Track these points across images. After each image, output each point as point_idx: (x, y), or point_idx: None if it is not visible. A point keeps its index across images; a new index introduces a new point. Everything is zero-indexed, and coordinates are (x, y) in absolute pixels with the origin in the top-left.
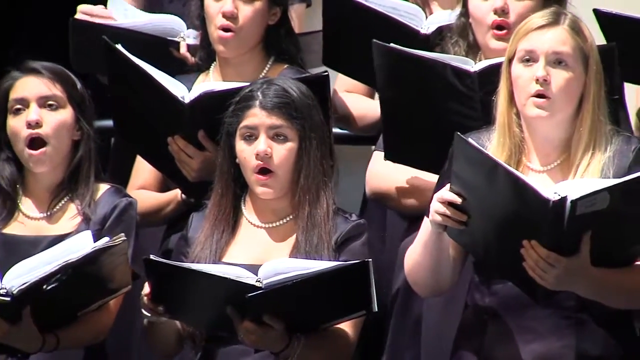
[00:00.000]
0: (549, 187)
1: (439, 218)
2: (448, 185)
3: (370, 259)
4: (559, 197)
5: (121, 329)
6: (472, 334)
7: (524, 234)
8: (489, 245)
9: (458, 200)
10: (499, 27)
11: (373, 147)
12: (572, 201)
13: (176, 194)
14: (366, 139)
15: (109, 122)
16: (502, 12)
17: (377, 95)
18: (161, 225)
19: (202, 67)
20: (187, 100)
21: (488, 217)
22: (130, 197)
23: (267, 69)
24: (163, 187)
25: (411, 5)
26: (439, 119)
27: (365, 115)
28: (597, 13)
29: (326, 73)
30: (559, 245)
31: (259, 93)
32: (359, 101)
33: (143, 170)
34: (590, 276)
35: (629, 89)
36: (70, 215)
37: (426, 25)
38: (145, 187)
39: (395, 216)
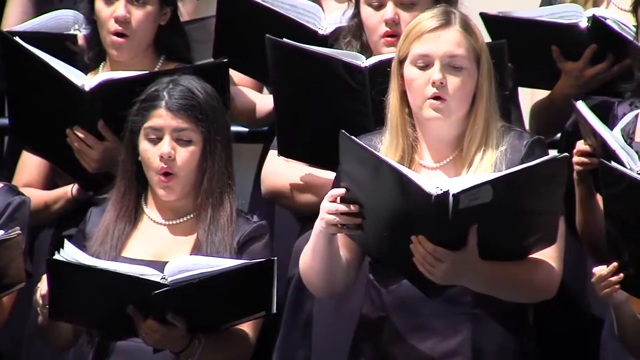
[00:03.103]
0: (435, 182)
1: (330, 217)
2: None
3: (275, 258)
4: (441, 192)
5: (14, 324)
6: (370, 333)
7: (412, 229)
8: (381, 241)
9: (344, 191)
10: (390, 35)
11: (262, 145)
12: (454, 195)
13: (65, 191)
14: (252, 137)
15: (2, 121)
16: (393, 22)
17: (265, 90)
18: (48, 223)
19: (90, 67)
20: (87, 88)
21: (378, 214)
22: (24, 195)
23: (157, 67)
24: (49, 185)
25: (310, 3)
26: (331, 114)
27: (259, 109)
28: (484, 17)
29: (225, 60)
30: (445, 239)
31: (164, 93)
32: (250, 95)
33: (28, 167)
34: (479, 270)
35: (524, 90)
36: None
37: (324, 26)
38: (30, 185)
39: (285, 215)
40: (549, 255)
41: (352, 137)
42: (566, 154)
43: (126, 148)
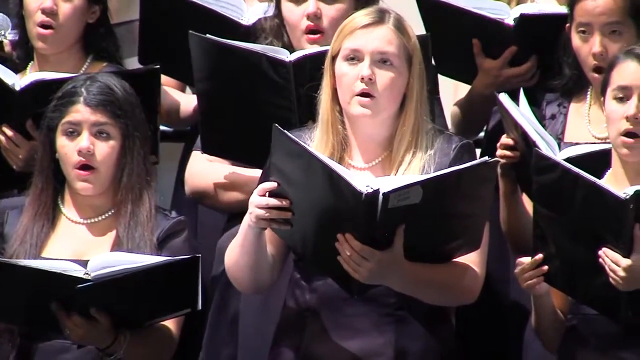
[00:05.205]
0: (366, 180)
1: (260, 212)
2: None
3: (200, 255)
4: (372, 190)
5: None
6: (292, 331)
7: (340, 227)
8: (307, 238)
9: (275, 185)
10: (312, 31)
11: (183, 144)
12: (384, 194)
13: None
14: (173, 136)
15: None
16: (315, 17)
17: (188, 90)
18: None
19: (19, 66)
20: (17, 88)
21: (306, 211)
22: None
23: (85, 67)
24: None
25: None
26: (256, 110)
27: (183, 109)
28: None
29: (157, 66)
30: (373, 238)
31: (82, 89)
32: (174, 95)
33: None
34: (404, 270)
35: (447, 82)
36: None
37: (247, 17)
38: None
39: (208, 215)
40: (472, 260)
41: (286, 131)
42: (497, 158)
43: (43, 145)
